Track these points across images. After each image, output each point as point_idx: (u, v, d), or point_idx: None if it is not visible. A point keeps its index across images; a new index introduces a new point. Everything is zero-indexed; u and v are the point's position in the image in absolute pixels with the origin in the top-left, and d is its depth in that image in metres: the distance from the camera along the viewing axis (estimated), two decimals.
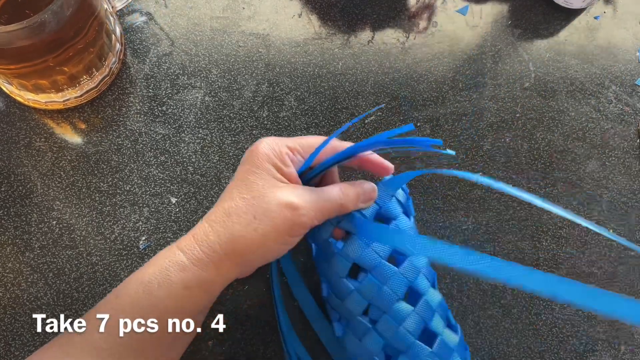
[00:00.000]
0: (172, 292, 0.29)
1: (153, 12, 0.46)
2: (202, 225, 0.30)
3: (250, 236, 0.29)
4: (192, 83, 0.44)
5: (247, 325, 0.38)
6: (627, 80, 0.48)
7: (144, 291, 0.29)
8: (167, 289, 0.29)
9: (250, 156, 0.31)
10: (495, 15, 0.50)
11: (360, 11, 0.49)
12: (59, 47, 0.36)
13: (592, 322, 0.41)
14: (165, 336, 0.30)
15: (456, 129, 0.45)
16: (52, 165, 0.41)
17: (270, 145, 0.31)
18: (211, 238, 0.29)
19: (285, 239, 0.30)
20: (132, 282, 0.30)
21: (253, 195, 0.30)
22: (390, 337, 0.31)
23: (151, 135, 0.42)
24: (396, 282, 0.32)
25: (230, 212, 0.30)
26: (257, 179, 0.30)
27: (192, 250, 0.29)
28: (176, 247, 0.30)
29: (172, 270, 0.29)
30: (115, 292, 0.30)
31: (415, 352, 0.31)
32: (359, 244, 0.32)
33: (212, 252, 0.29)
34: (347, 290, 0.33)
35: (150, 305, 0.29)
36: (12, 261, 0.38)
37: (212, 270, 0.29)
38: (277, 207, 0.29)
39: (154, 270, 0.29)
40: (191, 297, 0.29)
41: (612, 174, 0.45)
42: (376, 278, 0.32)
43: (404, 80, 0.46)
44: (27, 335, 0.37)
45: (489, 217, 0.43)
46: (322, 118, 0.44)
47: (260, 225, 0.29)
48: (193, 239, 0.30)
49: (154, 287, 0.29)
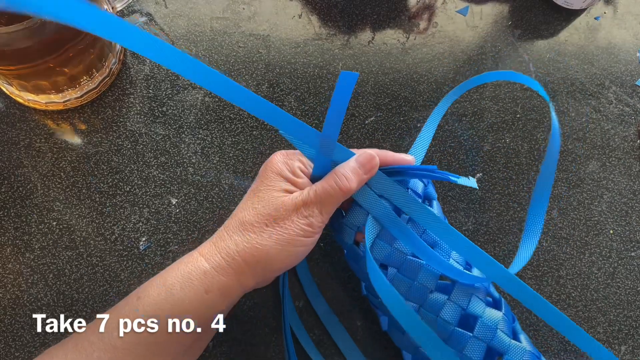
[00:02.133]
0: (193, 296, 0.30)
1: (153, 12, 0.46)
2: (220, 233, 0.32)
3: (267, 243, 0.30)
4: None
5: (248, 326, 0.38)
6: (627, 81, 0.48)
7: (167, 293, 0.30)
8: (189, 292, 0.30)
9: (264, 170, 0.33)
10: (496, 15, 0.50)
11: (360, 12, 0.49)
12: (59, 48, 0.36)
13: (592, 322, 0.41)
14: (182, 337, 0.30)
15: (456, 130, 0.45)
16: (52, 166, 0.41)
17: (282, 159, 0.33)
18: (230, 246, 0.31)
19: (300, 240, 0.31)
20: (155, 284, 0.31)
21: (263, 205, 0.31)
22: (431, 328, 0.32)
23: (151, 136, 0.42)
24: (425, 275, 0.33)
25: (244, 221, 0.31)
26: (268, 190, 0.32)
27: (213, 257, 0.30)
28: (198, 253, 0.31)
29: (194, 274, 0.30)
30: (136, 293, 0.31)
31: (457, 339, 0.31)
32: (382, 246, 0.33)
33: (231, 259, 0.30)
34: None
35: (171, 307, 0.30)
36: (12, 262, 0.38)
37: (232, 276, 0.30)
38: (285, 213, 0.31)
39: (176, 274, 0.30)
40: (211, 301, 0.30)
41: (612, 175, 0.45)
42: (405, 275, 0.33)
43: (404, 81, 0.46)
44: (27, 336, 0.37)
45: (490, 217, 0.43)
46: (322, 119, 0.44)
47: (273, 232, 0.30)
48: (214, 246, 0.31)
49: (176, 290, 0.30)
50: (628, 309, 0.41)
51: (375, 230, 0.33)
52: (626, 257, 0.43)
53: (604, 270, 0.42)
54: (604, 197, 0.44)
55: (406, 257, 0.33)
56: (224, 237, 0.31)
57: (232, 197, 0.41)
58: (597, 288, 0.42)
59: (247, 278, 0.31)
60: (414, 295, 0.33)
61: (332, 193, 0.31)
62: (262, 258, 0.30)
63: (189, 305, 0.30)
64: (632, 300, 0.41)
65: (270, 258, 0.30)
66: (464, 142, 0.45)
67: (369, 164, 0.32)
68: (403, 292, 0.33)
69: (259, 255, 0.30)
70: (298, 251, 0.31)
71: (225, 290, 0.30)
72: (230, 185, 0.42)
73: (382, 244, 0.33)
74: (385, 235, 0.33)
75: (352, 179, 0.32)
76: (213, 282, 0.30)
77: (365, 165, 0.32)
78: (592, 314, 0.41)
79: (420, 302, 0.33)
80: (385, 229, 0.33)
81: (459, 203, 0.43)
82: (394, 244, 0.33)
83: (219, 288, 0.30)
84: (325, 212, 0.31)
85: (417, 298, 0.33)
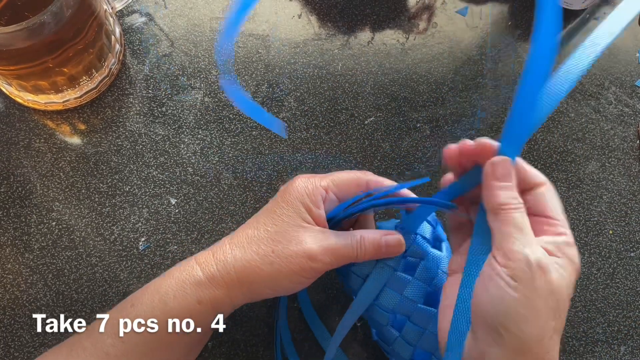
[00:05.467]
0: (186, 305, 0.30)
1: (153, 12, 0.46)
2: (222, 244, 0.31)
3: (265, 268, 0.30)
4: (191, 84, 0.44)
5: (247, 326, 0.38)
6: (627, 82, 0.48)
7: (160, 301, 0.30)
8: (182, 301, 0.30)
9: (285, 191, 0.32)
10: (495, 16, 0.50)
11: (360, 12, 0.49)
12: (58, 48, 0.36)
13: (592, 323, 0.41)
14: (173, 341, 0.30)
15: (456, 130, 0.45)
16: (51, 166, 0.41)
17: (304, 184, 0.32)
18: (229, 260, 0.30)
19: (299, 279, 0.30)
20: (149, 291, 0.31)
21: (276, 230, 0.31)
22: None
23: (151, 136, 0.42)
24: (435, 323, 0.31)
25: (252, 240, 0.31)
26: (284, 214, 0.31)
27: (208, 267, 0.30)
28: (194, 260, 0.31)
29: (188, 283, 0.30)
30: (130, 299, 0.31)
31: None
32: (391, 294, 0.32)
33: (226, 273, 0.30)
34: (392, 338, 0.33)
35: (163, 315, 0.30)
36: (11, 262, 0.38)
37: (223, 290, 0.30)
38: (295, 249, 0.30)
39: (170, 282, 0.30)
40: (202, 312, 0.30)
41: (612, 175, 0.45)
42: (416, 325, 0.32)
43: (404, 81, 0.46)
44: (26, 337, 0.37)
45: None
46: (322, 119, 0.44)
47: (276, 260, 0.30)
48: (212, 256, 0.31)
49: (169, 298, 0.30)
50: (627, 310, 0.41)
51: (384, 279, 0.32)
52: (626, 257, 0.43)
53: (603, 270, 0.42)
54: (604, 197, 0.44)
55: (416, 305, 0.32)
56: (224, 249, 0.31)
57: (231, 198, 0.41)
58: (597, 288, 0.42)
59: (237, 294, 0.30)
60: (426, 344, 0.32)
61: (348, 253, 0.31)
62: (257, 281, 0.30)
63: (182, 315, 0.30)
64: (632, 301, 0.41)
65: (265, 284, 0.30)
66: None
67: (394, 248, 0.32)
68: (413, 341, 0.32)
69: (254, 277, 0.30)
70: (292, 287, 0.31)
71: (216, 303, 0.30)
72: (229, 185, 0.42)
73: (391, 292, 0.32)
74: (394, 283, 0.32)
75: (370, 253, 0.31)
76: (206, 294, 0.30)
77: (390, 249, 0.32)
78: (591, 314, 0.41)
79: (433, 350, 0.32)
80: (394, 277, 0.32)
81: None
82: (403, 292, 0.32)
83: (211, 300, 0.30)
84: (334, 265, 0.31)
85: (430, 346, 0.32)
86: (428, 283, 0.32)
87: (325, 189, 0.32)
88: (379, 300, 0.33)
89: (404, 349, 0.33)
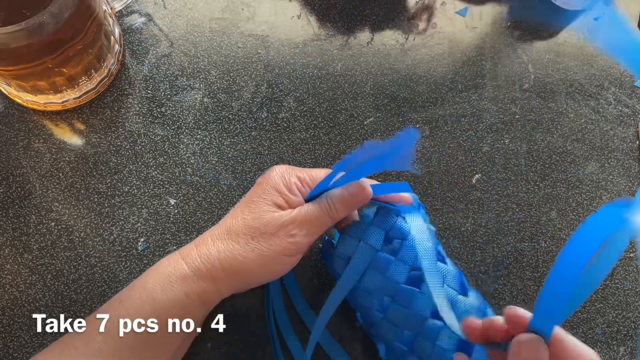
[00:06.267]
0: (174, 299, 0.30)
1: (152, 13, 0.46)
2: (205, 238, 0.32)
3: (248, 255, 0.30)
4: (191, 84, 0.44)
5: (247, 327, 0.38)
6: (626, 82, 0.48)
7: (148, 297, 0.30)
8: (169, 294, 0.30)
9: (261, 181, 0.33)
10: (495, 16, 0.50)
11: (359, 12, 0.49)
12: (57, 49, 0.36)
13: (591, 323, 0.41)
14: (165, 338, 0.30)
15: (455, 131, 0.45)
16: (50, 167, 0.41)
17: (281, 174, 0.33)
18: (212, 253, 0.31)
19: (282, 259, 0.31)
20: (136, 287, 0.31)
21: (253, 217, 0.31)
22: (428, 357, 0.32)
23: (150, 136, 0.42)
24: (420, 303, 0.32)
25: (231, 230, 0.31)
26: (260, 201, 0.32)
27: (193, 261, 0.31)
28: (179, 255, 0.32)
29: (174, 277, 0.30)
30: (118, 297, 0.31)
31: None
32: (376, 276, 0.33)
33: (211, 266, 0.30)
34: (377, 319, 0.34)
35: (153, 310, 0.30)
36: (10, 263, 0.38)
37: (209, 282, 0.30)
38: (272, 229, 0.30)
39: (156, 278, 0.31)
40: (190, 304, 0.30)
41: (611, 176, 0.45)
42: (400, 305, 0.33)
43: (403, 82, 0.46)
44: (25, 337, 0.37)
45: (488, 218, 0.43)
46: (321, 119, 0.44)
47: (257, 246, 0.30)
48: (196, 249, 0.31)
49: (157, 293, 0.30)
50: (627, 310, 0.41)
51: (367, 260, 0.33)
52: (625, 257, 0.43)
53: None
54: (603, 198, 0.44)
55: (399, 285, 0.32)
56: (207, 242, 0.31)
57: (230, 198, 0.41)
58: (596, 289, 0.42)
59: (224, 286, 0.31)
60: (411, 325, 0.32)
61: (321, 218, 0.31)
62: (241, 269, 0.30)
63: (171, 309, 0.30)
64: (631, 302, 0.41)
65: (250, 271, 0.31)
66: (462, 143, 0.45)
67: (359, 195, 0.32)
68: (398, 322, 0.33)
69: (238, 266, 0.30)
70: (278, 269, 0.31)
71: (204, 295, 0.31)
72: (229, 185, 0.42)
73: (374, 273, 0.33)
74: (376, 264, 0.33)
75: (340, 209, 0.32)
76: (192, 287, 0.30)
77: (355, 197, 0.32)
78: (590, 315, 0.41)
79: (417, 330, 0.32)
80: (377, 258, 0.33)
81: (457, 204, 0.43)
82: (386, 273, 0.33)
83: (198, 292, 0.30)
84: (312, 234, 0.31)
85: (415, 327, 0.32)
86: (411, 263, 0.33)
87: (300, 180, 0.33)
88: (363, 283, 0.33)
89: (389, 330, 0.33)
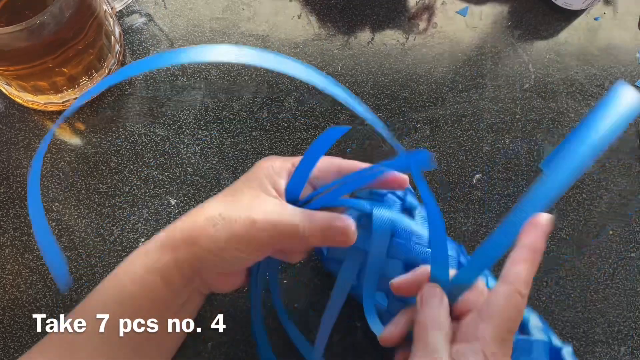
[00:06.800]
0: (134, 278, 0.30)
1: (152, 13, 0.46)
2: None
3: (209, 229, 0.29)
4: (191, 84, 0.44)
5: (247, 327, 0.38)
6: (627, 82, 0.48)
7: (114, 280, 0.30)
8: (130, 275, 0.30)
9: (252, 168, 0.32)
10: (495, 16, 0.50)
11: (360, 12, 0.49)
12: (58, 49, 0.36)
13: (592, 323, 0.41)
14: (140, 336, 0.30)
15: (456, 130, 0.45)
16: (51, 167, 0.41)
17: (272, 161, 0.32)
18: (177, 224, 0.31)
19: (239, 246, 0.29)
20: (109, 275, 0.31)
21: (232, 200, 0.30)
22: None
23: (150, 136, 0.42)
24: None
25: (205, 206, 0.31)
26: (246, 187, 0.31)
27: (158, 236, 0.31)
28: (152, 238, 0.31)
29: (135, 255, 0.30)
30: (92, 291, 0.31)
31: None
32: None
33: (172, 235, 0.30)
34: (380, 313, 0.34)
35: (117, 293, 0.30)
36: (11, 262, 0.38)
37: (169, 253, 0.29)
38: (240, 212, 0.29)
39: (124, 261, 0.31)
40: (153, 285, 0.29)
41: (611, 175, 0.45)
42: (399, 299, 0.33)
43: (404, 82, 0.46)
44: (26, 337, 0.37)
45: (489, 218, 0.43)
46: (322, 119, 0.44)
47: (220, 222, 0.29)
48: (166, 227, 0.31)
49: (120, 276, 0.30)
50: (627, 310, 0.41)
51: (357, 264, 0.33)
52: (626, 257, 0.43)
53: (603, 271, 0.42)
54: (604, 197, 0.44)
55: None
56: (177, 219, 0.31)
57: None
58: (597, 289, 0.42)
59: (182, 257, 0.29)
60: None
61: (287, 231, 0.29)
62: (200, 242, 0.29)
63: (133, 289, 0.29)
64: (632, 301, 0.41)
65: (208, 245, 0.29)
66: (463, 143, 0.45)
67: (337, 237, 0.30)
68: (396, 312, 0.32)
69: (197, 237, 0.29)
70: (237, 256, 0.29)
71: (164, 271, 0.29)
72: None
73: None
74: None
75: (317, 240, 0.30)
76: (152, 261, 0.29)
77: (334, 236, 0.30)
78: (591, 314, 0.41)
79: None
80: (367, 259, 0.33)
81: (458, 204, 0.43)
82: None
83: (159, 269, 0.29)
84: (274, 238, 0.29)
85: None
86: (403, 259, 0.33)
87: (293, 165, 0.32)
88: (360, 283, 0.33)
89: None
